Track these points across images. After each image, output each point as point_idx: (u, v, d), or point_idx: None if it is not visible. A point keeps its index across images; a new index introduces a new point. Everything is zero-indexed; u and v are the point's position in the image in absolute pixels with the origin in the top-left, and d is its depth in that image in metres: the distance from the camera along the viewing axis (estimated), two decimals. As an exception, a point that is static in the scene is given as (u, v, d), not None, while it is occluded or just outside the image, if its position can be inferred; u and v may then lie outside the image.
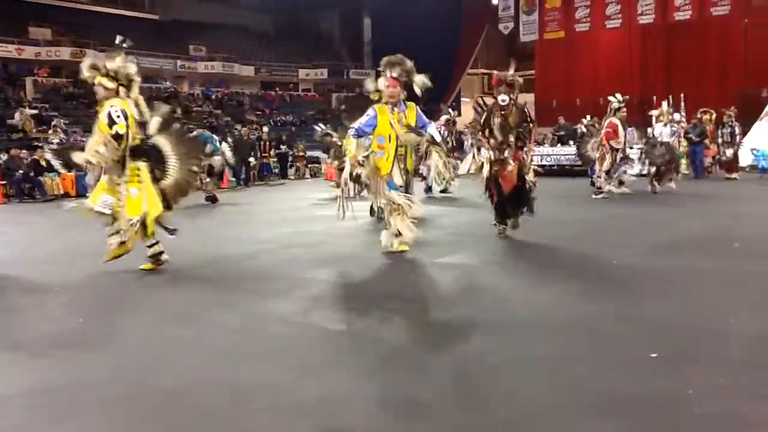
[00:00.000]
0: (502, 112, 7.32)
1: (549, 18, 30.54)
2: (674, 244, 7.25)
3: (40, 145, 18.70)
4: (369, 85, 7.29)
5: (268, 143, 22.00)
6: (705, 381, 3.19)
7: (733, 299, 4.80)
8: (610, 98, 12.20)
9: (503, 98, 7.24)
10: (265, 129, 23.93)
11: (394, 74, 6.65)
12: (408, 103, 6.74)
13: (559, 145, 20.56)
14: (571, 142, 18.33)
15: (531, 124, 7.55)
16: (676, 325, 4.12)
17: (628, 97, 12.32)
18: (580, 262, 6.39)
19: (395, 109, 6.62)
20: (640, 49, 28.25)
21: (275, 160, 22.30)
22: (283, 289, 5.45)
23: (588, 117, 14.25)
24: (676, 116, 19.63)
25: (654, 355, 3.53)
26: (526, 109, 7.54)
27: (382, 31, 34.65)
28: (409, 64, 6.74)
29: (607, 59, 29.00)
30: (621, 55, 28.74)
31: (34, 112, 24.61)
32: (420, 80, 6.79)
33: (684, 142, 18.50)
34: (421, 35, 27.89)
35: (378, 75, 6.97)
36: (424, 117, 6.94)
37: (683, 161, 19.16)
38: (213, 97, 33.17)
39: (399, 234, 6.70)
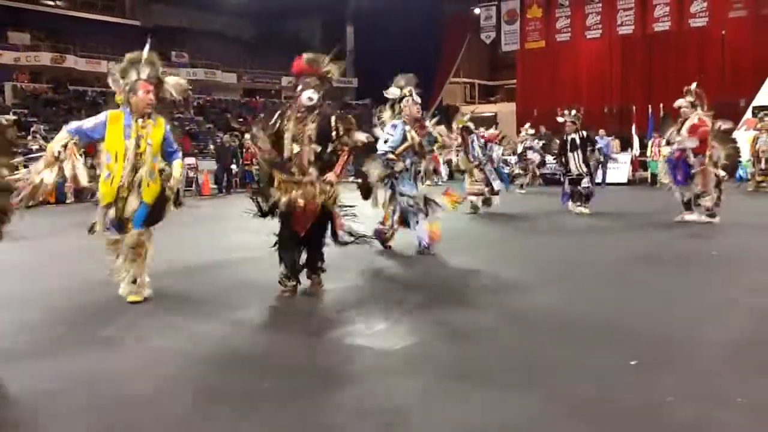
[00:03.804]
0: (299, 115, 5.36)
1: (530, 28, 30.81)
2: (652, 252, 7.32)
3: (18, 151, 18.46)
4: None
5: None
6: (681, 388, 3.21)
7: (710, 307, 4.85)
8: None
9: (310, 96, 5.28)
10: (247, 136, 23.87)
11: (145, 76, 5.15)
12: (158, 117, 5.21)
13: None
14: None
15: (342, 138, 5.40)
16: (653, 333, 4.16)
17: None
18: (557, 270, 6.43)
19: (142, 120, 5.11)
20: (620, 60, 28.55)
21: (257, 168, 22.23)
22: (265, 296, 5.41)
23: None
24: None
25: (633, 362, 3.56)
26: (335, 119, 5.42)
27: (364, 40, 34.75)
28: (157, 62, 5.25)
29: (588, 69, 29.28)
30: (601, 65, 29.03)
31: (14, 118, 24.34)
32: (174, 82, 5.36)
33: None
34: (403, 44, 27.99)
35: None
36: (173, 142, 5.32)
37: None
38: (195, 104, 32.99)
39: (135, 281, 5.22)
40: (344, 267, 6.61)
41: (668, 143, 9.68)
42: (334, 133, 5.35)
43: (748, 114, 21.12)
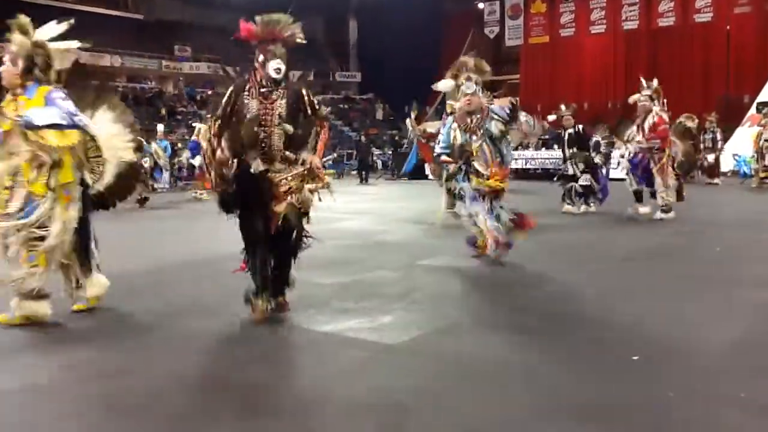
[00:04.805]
0: (263, 91, 4.40)
1: (534, 23, 30.76)
2: (655, 248, 7.31)
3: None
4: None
5: None
6: (683, 384, 3.21)
7: (712, 304, 4.85)
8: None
9: (278, 67, 4.37)
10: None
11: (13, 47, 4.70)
12: (40, 87, 4.55)
13: (543, 148, 20.70)
14: (556, 146, 18.44)
15: (317, 112, 4.54)
16: (655, 329, 4.15)
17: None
18: (559, 266, 6.42)
19: (12, 96, 4.67)
20: (624, 55, 28.48)
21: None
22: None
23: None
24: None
25: (635, 357, 3.56)
26: (306, 90, 4.53)
27: (367, 34, 34.73)
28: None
29: (592, 64, 29.22)
30: (605, 60, 28.98)
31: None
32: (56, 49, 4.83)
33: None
34: (407, 38, 27.98)
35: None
36: (61, 105, 4.44)
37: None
38: (197, 98, 32.98)
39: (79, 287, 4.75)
40: (348, 260, 6.63)
41: (628, 141, 9.79)
42: (309, 109, 4.48)
43: (752, 110, 21.07)
